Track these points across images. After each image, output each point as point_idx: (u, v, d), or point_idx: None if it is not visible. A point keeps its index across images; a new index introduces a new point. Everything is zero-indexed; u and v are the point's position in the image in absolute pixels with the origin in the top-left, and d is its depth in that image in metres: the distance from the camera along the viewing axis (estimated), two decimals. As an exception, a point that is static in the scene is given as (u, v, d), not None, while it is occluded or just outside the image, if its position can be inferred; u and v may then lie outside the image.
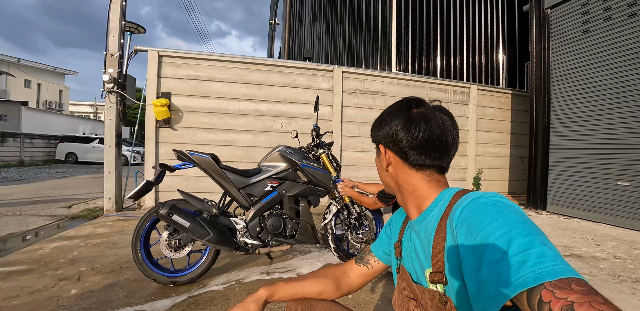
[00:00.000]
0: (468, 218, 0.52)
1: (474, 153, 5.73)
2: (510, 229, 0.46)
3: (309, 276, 0.85)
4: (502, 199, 0.53)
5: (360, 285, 0.87)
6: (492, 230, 0.47)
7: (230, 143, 4.46)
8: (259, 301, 0.74)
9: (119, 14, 3.94)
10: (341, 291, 0.85)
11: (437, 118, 0.65)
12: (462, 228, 0.52)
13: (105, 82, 3.81)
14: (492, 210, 0.51)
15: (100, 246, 2.73)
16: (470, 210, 0.53)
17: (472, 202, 0.54)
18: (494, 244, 0.46)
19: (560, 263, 0.41)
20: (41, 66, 19.65)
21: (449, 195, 0.63)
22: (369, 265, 0.86)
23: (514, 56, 8.02)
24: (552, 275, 0.39)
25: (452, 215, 0.56)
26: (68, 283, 2.00)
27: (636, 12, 3.51)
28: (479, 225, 0.49)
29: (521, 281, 0.40)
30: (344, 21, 9.47)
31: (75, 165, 13.36)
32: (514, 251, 0.43)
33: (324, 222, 2.35)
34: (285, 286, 0.80)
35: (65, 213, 4.08)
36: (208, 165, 1.96)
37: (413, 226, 0.68)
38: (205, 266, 1.98)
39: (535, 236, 0.45)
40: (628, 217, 3.55)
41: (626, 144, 3.62)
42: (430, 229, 0.61)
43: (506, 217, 0.48)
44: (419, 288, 0.63)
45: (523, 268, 0.41)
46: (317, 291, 0.81)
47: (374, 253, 0.87)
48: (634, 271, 2.31)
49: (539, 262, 0.41)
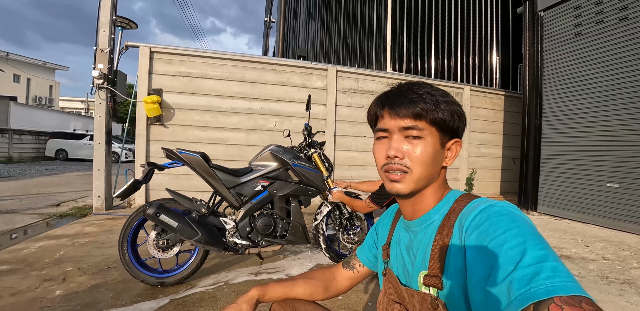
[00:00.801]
0: (480, 226, 0.51)
1: (467, 154, 5.76)
2: (525, 240, 0.45)
3: (299, 277, 0.86)
4: (515, 210, 0.53)
5: (347, 287, 0.88)
6: (505, 239, 0.46)
7: (223, 141, 4.41)
8: (251, 301, 0.74)
9: (109, 9, 3.86)
10: (330, 293, 0.86)
11: None
12: (472, 235, 0.52)
13: (95, 77, 3.74)
14: (506, 219, 0.50)
15: (88, 246, 2.67)
16: (483, 217, 0.52)
17: (485, 209, 0.54)
18: (508, 253, 0.45)
19: (573, 281, 0.40)
20: (31, 60, 19.29)
21: (453, 197, 0.63)
22: (354, 269, 0.88)
23: (508, 58, 8.08)
24: (565, 291, 0.38)
25: (462, 221, 0.55)
26: (53, 284, 1.95)
27: (627, 16, 3.54)
28: (492, 233, 0.49)
29: (532, 292, 0.39)
30: (339, 20, 9.44)
31: (66, 162, 13.14)
32: (528, 262, 0.42)
33: (315, 222, 2.33)
34: (276, 287, 0.80)
35: (53, 212, 4.00)
36: (197, 164, 1.93)
37: (411, 227, 0.66)
38: (193, 266, 1.95)
39: (549, 251, 0.44)
40: (617, 218, 3.60)
41: (616, 146, 3.66)
42: (431, 231, 0.60)
43: (520, 228, 0.48)
44: (408, 291, 0.62)
45: (535, 280, 0.40)
46: (307, 292, 0.82)
47: (358, 257, 0.88)
48: (622, 272, 2.34)
49: (552, 276, 0.40)
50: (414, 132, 0.59)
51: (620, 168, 3.61)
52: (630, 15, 3.52)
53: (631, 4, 3.51)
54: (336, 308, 1.73)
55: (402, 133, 0.60)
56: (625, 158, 3.57)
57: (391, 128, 0.61)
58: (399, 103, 0.60)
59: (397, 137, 0.60)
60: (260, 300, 0.77)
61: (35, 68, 19.84)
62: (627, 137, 3.56)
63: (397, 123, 0.60)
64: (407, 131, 0.59)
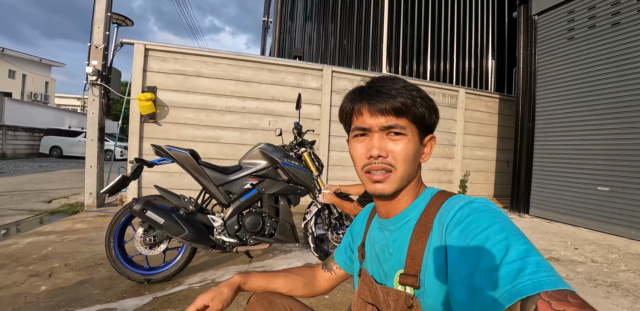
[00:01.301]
0: (461, 222, 0.50)
1: (461, 156, 5.78)
2: (507, 236, 0.45)
3: (282, 272, 0.87)
4: (494, 206, 0.52)
5: (327, 288, 0.88)
6: (488, 235, 0.46)
7: (216, 140, 4.41)
8: (233, 286, 0.75)
9: (104, 5, 3.86)
10: (310, 292, 0.86)
11: None
12: (453, 232, 0.51)
13: (89, 74, 3.73)
14: (487, 215, 0.49)
15: (77, 243, 2.66)
16: (464, 213, 0.51)
17: (465, 206, 0.53)
18: (491, 249, 0.44)
19: (556, 275, 0.40)
20: (27, 57, 19.15)
21: (429, 195, 0.61)
22: (332, 271, 0.87)
23: (503, 61, 8.14)
24: (551, 285, 0.38)
25: (442, 218, 0.54)
26: (38, 280, 1.94)
27: (619, 21, 3.58)
28: (474, 230, 0.48)
29: (519, 288, 0.39)
30: (336, 21, 9.46)
31: (60, 159, 13.05)
32: (512, 258, 0.42)
33: (305, 222, 2.33)
34: (258, 276, 0.81)
35: (45, 208, 3.98)
36: (186, 161, 1.92)
37: (387, 225, 0.65)
38: (181, 264, 1.95)
39: (531, 246, 0.44)
40: (606, 221, 3.63)
41: (607, 150, 3.70)
42: (407, 229, 0.59)
43: (502, 224, 0.47)
44: (383, 289, 0.61)
45: (521, 276, 0.40)
46: (287, 286, 0.82)
47: (335, 259, 0.88)
48: (609, 275, 2.36)
49: (537, 271, 0.40)
50: (396, 129, 0.57)
51: (610, 172, 3.64)
52: (623, 20, 3.56)
53: (623, 10, 3.55)
54: (322, 307, 1.73)
55: (383, 131, 0.58)
56: (616, 162, 3.60)
57: (372, 126, 0.58)
58: (379, 100, 0.57)
59: (378, 135, 0.58)
60: (242, 286, 0.78)
61: (31, 64, 19.70)
62: (618, 141, 3.59)
63: (378, 121, 0.57)
64: (389, 129, 0.58)
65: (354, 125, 0.62)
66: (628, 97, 3.51)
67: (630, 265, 2.59)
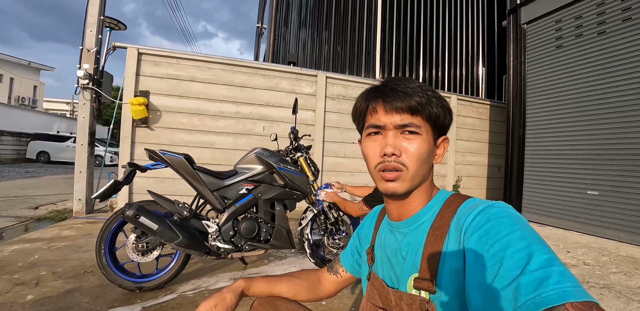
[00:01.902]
0: (481, 227, 0.49)
1: (454, 162, 5.84)
2: (529, 243, 0.44)
3: (286, 276, 0.84)
4: (514, 211, 0.51)
5: (332, 292, 0.87)
6: (509, 242, 0.45)
7: (210, 145, 4.37)
8: (236, 291, 0.72)
9: (97, 8, 3.82)
10: (314, 296, 0.84)
11: None
12: (472, 236, 0.49)
13: (80, 77, 3.68)
14: (507, 221, 0.48)
15: (65, 250, 2.58)
16: (484, 218, 0.50)
17: (485, 210, 0.51)
18: (512, 257, 0.43)
19: (580, 285, 0.39)
20: (15, 60, 18.81)
21: (443, 197, 0.61)
22: (338, 274, 0.86)
23: (494, 69, 8.29)
24: (577, 296, 0.37)
25: (459, 221, 0.53)
26: (25, 288, 1.88)
27: (605, 30, 3.69)
28: (495, 236, 0.47)
29: (543, 297, 0.38)
30: (330, 28, 9.55)
31: (47, 164, 12.77)
32: (534, 267, 0.41)
33: (300, 227, 2.31)
34: (262, 281, 0.79)
35: (31, 215, 3.87)
36: (180, 165, 1.90)
37: (398, 228, 0.64)
38: (174, 271, 1.90)
39: (554, 255, 0.43)
40: (597, 225, 3.68)
41: (595, 155, 3.77)
42: (421, 232, 0.58)
43: (523, 231, 0.46)
44: (396, 293, 0.59)
45: (545, 285, 0.39)
46: (290, 291, 0.81)
47: (341, 262, 0.87)
48: (601, 277, 2.38)
49: (561, 281, 0.39)
50: (411, 127, 0.57)
51: (599, 176, 3.71)
52: (608, 29, 3.67)
53: (608, 19, 3.67)
54: (319, 313, 1.71)
55: (398, 130, 0.58)
56: (604, 167, 3.68)
57: (386, 124, 0.58)
58: (395, 98, 0.57)
59: (393, 133, 0.58)
60: (245, 292, 0.75)
61: (19, 67, 19.36)
62: (606, 146, 3.67)
63: (393, 119, 0.57)
64: (404, 127, 0.57)
65: (368, 122, 0.61)
66: (613, 103, 3.61)
67: (621, 267, 2.62)
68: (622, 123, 3.53)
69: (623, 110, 3.52)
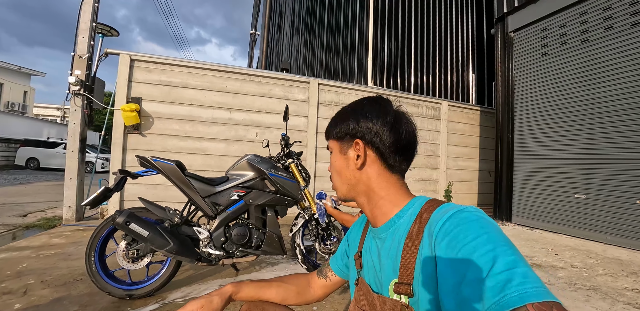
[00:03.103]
0: (450, 232, 0.50)
1: (445, 167, 5.90)
2: (494, 246, 0.45)
3: (275, 280, 0.85)
4: (483, 215, 0.53)
5: (321, 296, 0.88)
6: (476, 246, 0.46)
7: (202, 151, 4.36)
8: (224, 295, 0.74)
9: (90, 15, 3.84)
10: (304, 300, 0.85)
11: (408, 120, 0.65)
12: (442, 242, 0.51)
13: (72, 84, 3.67)
14: (475, 225, 0.49)
15: (53, 258, 2.55)
16: (453, 223, 0.51)
17: (454, 215, 0.53)
18: (478, 261, 0.45)
19: (542, 286, 0.41)
20: (5, 64, 18.58)
21: (419, 203, 0.61)
22: (327, 278, 0.87)
23: (483, 75, 8.46)
24: (537, 297, 0.39)
25: (431, 227, 0.54)
26: (12, 297, 1.85)
27: (588, 38, 3.82)
28: (462, 240, 0.48)
29: (506, 300, 0.39)
30: (322, 35, 9.67)
31: (36, 171, 12.57)
32: (499, 269, 0.42)
33: (292, 233, 2.32)
34: (251, 286, 0.80)
35: (19, 222, 3.81)
36: (172, 172, 1.90)
37: (377, 234, 0.66)
38: (165, 278, 1.90)
39: (518, 257, 0.44)
40: (584, 228, 3.75)
41: (582, 159, 3.86)
42: (399, 238, 0.59)
43: (489, 234, 0.47)
44: (380, 298, 0.61)
45: (507, 287, 0.40)
46: (279, 295, 0.82)
47: (331, 266, 0.88)
48: (588, 279, 2.43)
49: (524, 282, 0.40)
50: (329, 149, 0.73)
51: (586, 180, 3.80)
52: (591, 37, 3.79)
53: (591, 28, 3.79)
54: (310, 319, 1.71)
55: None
56: (590, 171, 3.76)
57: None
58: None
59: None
60: (233, 297, 0.77)
61: (9, 73, 19.10)
62: (592, 150, 3.76)
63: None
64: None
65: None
66: (597, 108, 3.71)
67: (608, 269, 2.68)
68: (607, 128, 3.63)
69: (607, 115, 3.62)
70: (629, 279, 2.42)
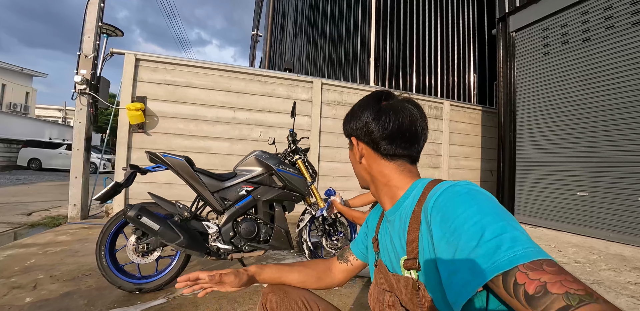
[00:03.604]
0: (443, 207, 0.53)
1: (447, 166, 5.93)
2: (483, 216, 0.47)
3: (296, 265, 0.90)
4: (475, 187, 0.55)
5: (341, 280, 0.91)
6: (466, 218, 0.48)
7: (206, 150, 4.39)
8: (249, 272, 0.81)
9: (95, 15, 3.87)
10: (323, 284, 0.89)
11: (406, 109, 0.68)
12: (437, 216, 0.53)
13: (77, 83, 3.69)
14: (466, 198, 0.52)
15: (60, 254, 2.57)
16: (445, 198, 0.54)
17: (446, 190, 0.56)
18: (468, 231, 0.47)
19: (532, 246, 0.43)
20: (7, 66, 18.64)
21: (421, 184, 0.64)
22: (348, 262, 0.90)
23: (484, 75, 8.49)
24: (525, 258, 0.41)
25: (426, 203, 0.57)
26: (22, 292, 1.87)
27: (589, 37, 3.84)
28: (453, 213, 0.50)
29: (497, 264, 0.42)
30: (325, 36, 9.72)
31: (38, 171, 12.61)
32: (488, 237, 0.44)
33: (299, 229, 2.34)
34: (273, 268, 0.85)
35: (24, 221, 3.83)
36: (181, 167, 1.93)
37: (387, 217, 0.69)
38: (174, 272, 1.92)
39: (507, 222, 0.46)
40: (587, 225, 3.77)
41: (583, 157, 3.88)
42: (404, 217, 0.62)
43: (480, 205, 0.50)
44: (395, 277, 0.64)
45: (497, 253, 0.42)
46: (300, 280, 0.85)
47: (352, 251, 0.91)
48: (591, 274, 2.45)
49: (512, 246, 0.42)
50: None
51: (588, 178, 3.81)
52: (592, 37, 3.82)
53: (592, 27, 3.82)
54: None
55: None
56: (592, 168, 3.78)
57: None
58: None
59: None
60: (256, 277, 0.81)
61: (11, 74, 19.17)
62: (593, 148, 3.78)
63: None
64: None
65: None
66: (599, 107, 3.73)
67: (610, 264, 2.69)
68: (608, 126, 3.65)
69: (609, 113, 3.65)
70: (632, 274, 2.44)
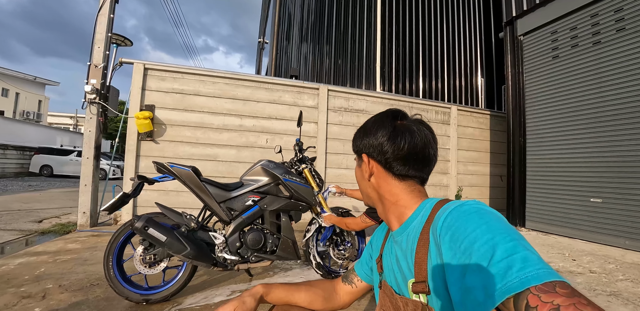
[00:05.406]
0: (452, 226, 0.52)
1: (455, 172, 5.85)
2: (493, 235, 0.46)
3: (303, 284, 0.86)
4: (484, 206, 0.54)
5: (347, 302, 0.88)
6: (476, 237, 0.47)
7: (213, 158, 4.41)
8: (255, 296, 0.75)
9: (105, 26, 3.95)
10: (330, 305, 0.85)
11: (421, 131, 0.68)
12: (445, 236, 0.52)
13: (87, 92, 3.76)
14: (475, 217, 0.51)
15: (70, 263, 2.59)
16: (453, 217, 0.53)
17: (454, 209, 0.55)
18: (479, 251, 0.46)
19: (544, 267, 0.41)
20: (21, 75, 19.17)
21: (430, 204, 0.63)
22: (352, 284, 0.88)
23: (492, 79, 8.42)
24: (537, 279, 0.40)
25: (435, 223, 0.56)
26: (31, 301, 1.88)
27: (600, 40, 3.79)
28: (463, 233, 0.49)
29: (508, 286, 0.41)
30: (330, 42, 9.77)
31: (50, 178, 12.83)
32: (499, 257, 0.43)
33: (305, 238, 2.32)
34: (280, 288, 0.81)
35: (35, 228, 3.88)
36: (188, 177, 1.93)
37: (394, 237, 0.68)
38: (181, 283, 1.91)
39: (517, 241, 0.45)
40: (601, 232, 3.67)
41: (596, 162, 3.80)
42: (412, 239, 0.61)
43: (489, 224, 0.49)
44: (402, 300, 0.63)
45: (509, 274, 0.41)
46: (307, 299, 0.82)
47: (356, 272, 0.89)
48: (608, 284, 2.37)
49: (524, 267, 0.41)
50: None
51: (602, 184, 3.72)
52: (602, 39, 3.76)
53: (603, 30, 3.76)
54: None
55: None
56: (605, 174, 3.69)
57: None
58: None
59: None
60: (264, 297, 0.78)
61: (25, 82, 19.70)
62: (607, 153, 3.70)
63: None
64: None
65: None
66: (611, 111, 3.66)
67: (628, 274, 2.61)
68: (621, 130, 3.57)
69: (621, 117, 3.57)
70: (651, 285, 2.36)
